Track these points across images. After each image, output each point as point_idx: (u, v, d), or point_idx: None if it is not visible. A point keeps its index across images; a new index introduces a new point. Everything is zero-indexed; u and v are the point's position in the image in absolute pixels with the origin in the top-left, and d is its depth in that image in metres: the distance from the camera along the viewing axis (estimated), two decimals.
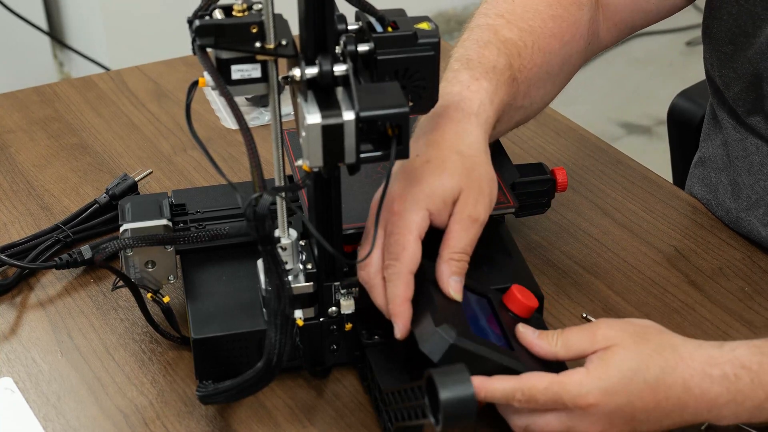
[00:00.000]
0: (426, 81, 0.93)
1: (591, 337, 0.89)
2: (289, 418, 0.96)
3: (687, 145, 1.45)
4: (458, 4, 3.49)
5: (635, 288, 1.11)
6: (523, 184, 1.09)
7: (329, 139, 0.85)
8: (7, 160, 1.32)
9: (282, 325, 0.88)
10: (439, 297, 0.92)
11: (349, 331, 0.97)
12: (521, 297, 0.96)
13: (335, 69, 0.86)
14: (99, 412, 0.97)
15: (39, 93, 1.46)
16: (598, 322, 0.91)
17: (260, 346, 0.92)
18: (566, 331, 0.92)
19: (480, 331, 0.92)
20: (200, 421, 0.96)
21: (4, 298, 1.10)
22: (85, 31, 2.98)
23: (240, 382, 0.91)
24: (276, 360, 0.89)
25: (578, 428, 0.88)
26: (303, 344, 0.97)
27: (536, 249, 1.16)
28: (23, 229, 1.19)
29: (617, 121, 3.08)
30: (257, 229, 0.84)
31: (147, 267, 1.01)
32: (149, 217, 1.01)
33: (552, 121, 1.38)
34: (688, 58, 3.33)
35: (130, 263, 1.01)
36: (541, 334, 0.92)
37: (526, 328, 0.93)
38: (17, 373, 1.02)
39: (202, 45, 0.84)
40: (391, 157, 0.85)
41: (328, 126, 0.84)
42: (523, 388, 0.87)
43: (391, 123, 0.85)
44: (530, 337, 0.93)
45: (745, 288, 1.10)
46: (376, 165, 1.06)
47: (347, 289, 0.96)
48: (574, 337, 0.91)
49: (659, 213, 1.21)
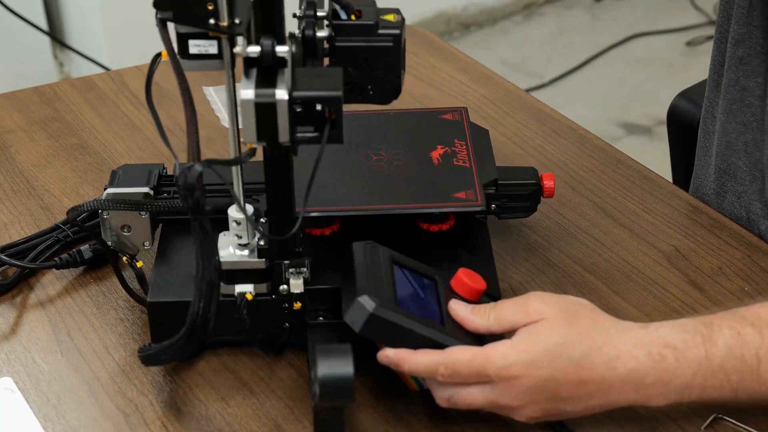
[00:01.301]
0: (385, 72, 0.96)
1: (523, 310, 0.90)
2: (289, 418, 0.96)
3: (687, 145, 1.45)
4: (458, 4, 3.49)
5: (635, 288, 1.11)
6: (507, 186, 1.09)
7: (262, 116, 0.88)
8: (7, 160, 1.32)
9: (205, 292, 0.90)
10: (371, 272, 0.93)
11: (299, 310, 0.98)
12: (467, 279, 0.96)
13: (277, 50, 0.88)
14: (99, 412, 0.98)
15: (39, 93, 1.46)
16: (531, 295, 0.92)
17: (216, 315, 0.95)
18: (499, 304, 0.92)
19: (412, 306, 0.92)
20: (200, 420, 0.96)
21: (4, 298, 1.10)
22: (85, 31, 2.98)
23: (168, 345, 0.94)
24: (199, 326, 0.91)
25: (501, 401, 0.89)
26: (256, 320, 0.98)
27: (536, 249, 1.16)
28: (23, 229, 1.19)
29: (617, 121, 3.08)
30: (185, 198, 0.87)
31: (123, 231, 1.05)
32: (135, 184, 1.05)
33: (552, 121, 1.38)
34: (688, 58, 3.33)
35: (107, 225, 1.04)
36: (474, 308, 0.93)
37: (458, 304, 0.94)
38: (17, 373, 1.02)
39: (163, 18, 0.88)
40: (323, 140, 0.88)
41: (260, 104, 0.87)
42: (446, 361, 0.88)
43: (326, 106, 0.87)
44: (462, 312, 0.93)
45: (745, 288, 1.10)
46: (358, 153, 1.09)
47: (296, 269, 0.97)
48: (507, 311, 0.91)
49: (659, 213, 1.21)
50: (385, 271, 0.95)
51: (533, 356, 0.88)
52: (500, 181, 1.08)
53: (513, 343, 0.88)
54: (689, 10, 3.52)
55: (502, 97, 1.44)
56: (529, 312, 0.90)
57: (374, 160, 1.08)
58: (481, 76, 1.49)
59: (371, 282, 0.92)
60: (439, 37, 1.67)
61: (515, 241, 1.17)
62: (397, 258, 0.97)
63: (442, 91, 1.45)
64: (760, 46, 1.16)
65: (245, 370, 1.01)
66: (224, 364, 1.02)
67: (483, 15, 3.55)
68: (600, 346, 0.88)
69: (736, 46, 1.18)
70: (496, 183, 1.08)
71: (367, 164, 1.08)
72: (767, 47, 1.15)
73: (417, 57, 1.53)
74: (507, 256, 1.14)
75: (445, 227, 1.06)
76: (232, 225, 0.97)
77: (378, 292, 0.91)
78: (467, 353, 0.88)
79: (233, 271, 0.97)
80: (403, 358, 0.90)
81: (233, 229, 0.97)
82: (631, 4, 3.61)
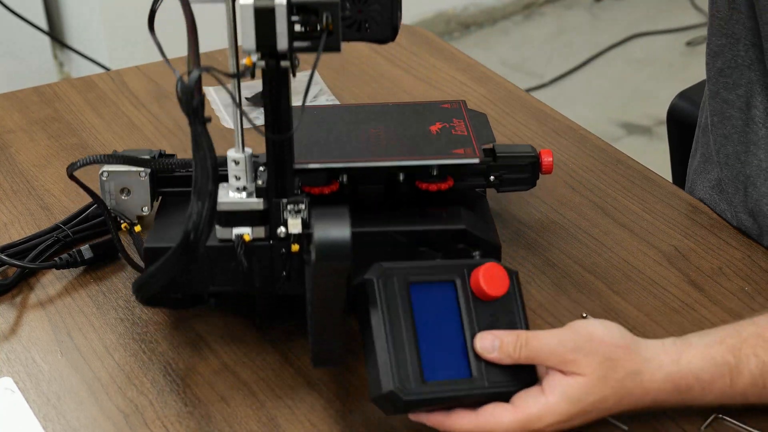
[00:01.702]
0: (381, 7, 0.96)
1: (560, 359, 0.89)
2: (289, 418, 0.96)
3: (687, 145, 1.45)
4: (458, 4, 3.49)
5: (635, 288, 1.11)
6: (505, 158, 1.11)
7: (261, 21, 0.89)
8: (7, 160, 1.32)
9: (203, 199, 0.90)
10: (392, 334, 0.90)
11: (297, 253, 0.97)
12: (486, 286, 0.92)
13: None
14: (99, 413, 0.98)
15: (39, 93, 1.46)
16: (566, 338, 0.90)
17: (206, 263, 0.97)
18: (532, 341, 0.90)
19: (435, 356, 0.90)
20: (200, 421, 0.96)
21: (4, 298, 1.10)
22: (85, 31, 2.98)
23: (160, 264, 0.93)
24: (193, 240, 0.90)
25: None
26: (253, 269, 0.98)
27: (536, 249, 1.16)
28: (23, 229, 1.19)
29: (617, 121, 3.08)
30: (185, 102, 0.88)
31: (122, 195, 1.06)
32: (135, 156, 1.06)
33: (552, 121, 1.38)
34: (688, 58, 3.33)
35: (106, 188, 1.06)
36: (502, 345, 0.90)
37: (483, 341, 0.91)
38: (17, 373, 1.02)
39: None
40: (320, 46, 0.89)
41: (259, 8, 0.88)
42: (484, 428, 0.89)
43: (324, 12, 0.89)
44: (489, 353, 0.90)
45: (745, 288, 1.10)
46: (357, 129, 1.10)
47: (294, 206, 0.96)
48: (542, 351, 0.90)
49: (659, 213, 1.21)
50: (404, 313, 0.91)
51: (570, 414, 0.89)
52: (498, 153, 1.11)
53: (548, 402, 0.89)
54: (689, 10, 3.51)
55: (502, 97, 1.44)
56: (566, 362, 0.89)
57: (373, 132, 1.10)
58: (481, 76, 1.49)
59: (393, 356, 0.89)
60: (439, 37, 1.67)
61: (515, 241, 1.17)
62: (413, 277, 0.93)
63: (442, 91, 1.45)
64: (741, 58, 1.15)
65: (245, 370, 1.01)
66: (224, 364, 1.02)
67: (483, 15, 3.56)
68: (631, 391, 0.90)
69: (715, 58, 1.18)
70: (495, 155, 1.11)
71: (366, 133, 1.10)
72: (748, 60, 1.15)
73: (417, 57, 1.54)
74: (507, 256, 1.14)
75: (443, 187, 1.07)
76: (231, 166, 0.96)
77: (402, 369, 0.89)
78: (505, 417, 0.89)
79: (231, 213, 0.97)
80: (439, 423, 0.90)
81: (232, 170, 0.97)
82: (631, 4, 3.61)
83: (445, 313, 0.93)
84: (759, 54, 1.13)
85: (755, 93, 1.14)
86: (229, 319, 1.07)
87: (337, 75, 1.49)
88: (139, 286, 0.97)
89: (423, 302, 0.92)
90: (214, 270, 0.94)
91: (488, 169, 1.11)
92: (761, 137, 1.14)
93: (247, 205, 0.96)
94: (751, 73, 1.14)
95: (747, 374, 0.91)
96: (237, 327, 1.06)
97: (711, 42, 1.18)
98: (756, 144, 1.14)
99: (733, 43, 1.15)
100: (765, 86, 1.13)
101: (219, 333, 1.05)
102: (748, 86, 1.15)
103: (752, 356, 0.91)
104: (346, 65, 1.51)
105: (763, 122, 1.14)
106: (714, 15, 1.17)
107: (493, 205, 1.22)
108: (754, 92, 1.14)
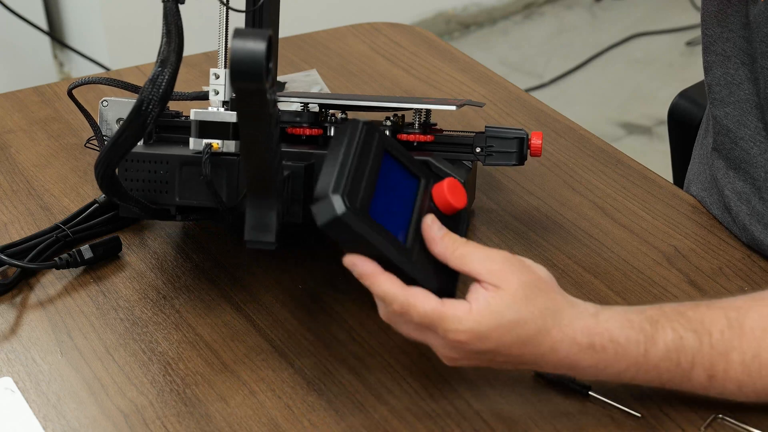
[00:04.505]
0: None
1: (487, 268, 0.90)
2: (289, 418, 0.96)
3: (687, 145, 1.45)
4: (458, 4, 3.49)
5: (635, 288, 1.11)
6: (495, 129, 1.12)
7: None
8: (7, 160, 1.32)
9: (164, 65, 0.91)
10: (357, 161, 0.90)
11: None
12: (448, 194, 0.95)
13: None
14: (99, 413, 0.98)
15: (39, 93, 1.46)
16: (498, 254, 0.91)
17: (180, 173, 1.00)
18: (470, 246, 0.92)
19: (384, 213, 0.90)
20: (200, 421, 0.96)
21: (4, 298, 1.10)
22: (85, 31, 2.98)
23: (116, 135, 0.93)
24: (144, 109, 0.91)
25: (438, 349, 0.91)
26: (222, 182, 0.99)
27: (536, 249, 1.16)
28: (23, 229, 1.19)
29: (617, 121, 3.08)
30: None
31: (118, 125, 1.07)
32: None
33: (552, 121, 1.38)
34: (688, 58, 3.33)
35: (104, 117, 1.06)
36: (446, 236, 0.92)
37: (434, 222, 0.93)
38: (17, 373, 1.02)
39: None
40: None
41: None
42: (404, 302, 0.89)
43: None
44: (433, 233, 0.92)
45: (745, 288, 1.10)
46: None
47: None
48: (474, 258, 0.91)
49: (659, 213, 1.21)
50: (373, 161, 0.92)
51: (485, 329, 0.89)
52: (487, 126, 1.12)
53: (470, 309, 0.89)
54: (689, 10, 3.52)
55: (502, 97, 1.44)
56: (492, 272, 0.90)
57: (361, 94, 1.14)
58: (481, 76, 1.49)
59: (351, 177, 0.89)
60: (439, 37, 1.67)
61: (515, 241, 1.17)
62: (390, 147, 0.95)
63: (442, 91, 1.45)
64: (730, 76, 1.14)
65: (245, 370, 1.01)
66: (224, 364, 1.02)
67: (483, 15, 3.56)
68: (549, 329, 0.90)
69: (707, 73, 1.17)
70: (486, 126, 1.13)
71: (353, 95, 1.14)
72: (738, 78, 1.13)
73: (417, 57, 1.54)
74: None
75: (422, 139, 1.09)
76: (212, 79, 0.99)
77: (353, 193, 0.88)
78: (426, 305, 0.89)
79: (204, 123, 0.98)
80: (367, 275, 0.90)
81: (212, 84, 0.99)
82: (631, 4, 3.61)
83: (403, 191, 0.95)
84: (749, 73, 1.12)
85: (746, 111, 1.13)
86: (229, 320, 1.07)
87: (337, 75, 1.49)
88: (96, 163, 0.96)
89: (388, 170, 0.94)
90: (182, 182, 0.95)
91: (475, 140, 1.12)
92: (753, 156, 1.13)
93: (220, 116, 0.98)
94: (740, 92, 1.13)
95: (662, 345, 0.90)
96: (237, 327, 1.06)
97: (703, 57, 1.18)
98: (747, 162, 1.14)
99: (724, 61, 1.14)
100: (756, 105, 1.12)
101: (219, 333, 1.05)
102: (737, 104, 1.14)
103: (669, 330, 0.90)
104: (346, 65, 1.51)
105: (753, 141, 1.13)
106: (704, 33, 1.16)
107: (493, 205, 1.22)
108: (745, 110, 1.13)
